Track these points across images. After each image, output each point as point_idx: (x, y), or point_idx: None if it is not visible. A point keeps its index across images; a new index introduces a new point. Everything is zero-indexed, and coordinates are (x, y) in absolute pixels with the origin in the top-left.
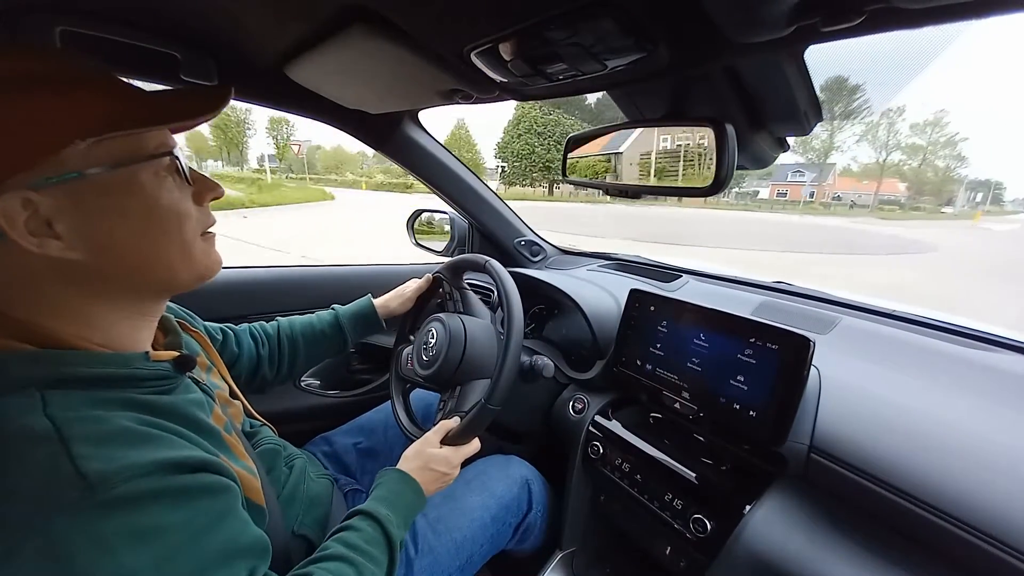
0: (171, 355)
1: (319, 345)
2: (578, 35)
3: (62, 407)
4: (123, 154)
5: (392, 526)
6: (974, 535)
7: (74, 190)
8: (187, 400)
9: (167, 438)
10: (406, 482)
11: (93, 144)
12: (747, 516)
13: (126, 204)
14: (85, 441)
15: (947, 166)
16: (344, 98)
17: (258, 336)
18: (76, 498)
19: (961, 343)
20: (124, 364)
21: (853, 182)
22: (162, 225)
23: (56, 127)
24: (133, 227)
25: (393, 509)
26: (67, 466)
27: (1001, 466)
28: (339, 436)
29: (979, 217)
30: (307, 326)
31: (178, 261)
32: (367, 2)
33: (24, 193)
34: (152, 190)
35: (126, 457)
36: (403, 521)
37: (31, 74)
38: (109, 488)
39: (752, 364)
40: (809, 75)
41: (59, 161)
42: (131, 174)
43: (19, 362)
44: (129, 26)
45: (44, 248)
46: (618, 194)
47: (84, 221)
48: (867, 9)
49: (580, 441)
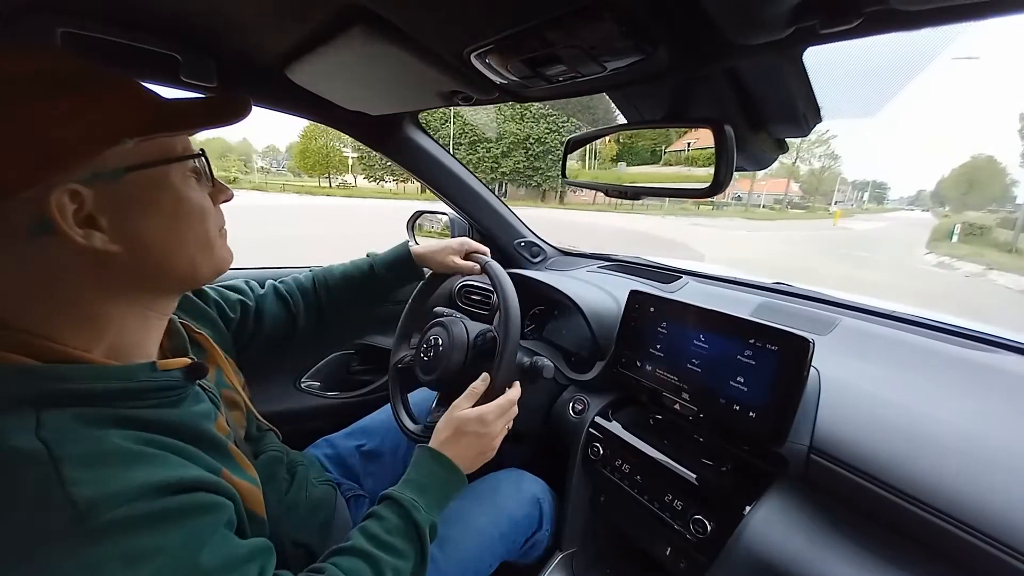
0: (181, 363)
1: (356, 293)
2: (577, 37)
3: (56, 428)
4: (158, 154)
5: (418, 511)
6: (973, 535)
7: (115, 186)
8: (195, 413)
9: (164, 456)
10: (436, 459)
11: (135, 144)
12: (747, 517)
13: (159, 200)
14: (78, 463)
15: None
16: (344, 99)
17: (287, 296)
18: (66, 525)
19: (960, 344)
20: (128, 377)
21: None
22: (189, 220)
23: (104, 126)
24: (165, 221)
25: (421, 492)
26: (58, 491)
27: (1000, 466)
28: (341, 438)
29: (839, 217)
30: (344, 276)
31: (200, 254)
32: (367, 4)
33: (72, 186)
34: (181, 188)
35: (118, 480)
36: (435, 503)
37: (80, 74)
38: (99, 515)
39: (752, 365)
40: (808, 77)
41: (103, 159)
42: (164, 173)
43: (16, 377)
44: (129, 27)
45: (90, 240)
46: (618, 195)
47: (122, 215)
48: (865, 11)
49: (580, 442)
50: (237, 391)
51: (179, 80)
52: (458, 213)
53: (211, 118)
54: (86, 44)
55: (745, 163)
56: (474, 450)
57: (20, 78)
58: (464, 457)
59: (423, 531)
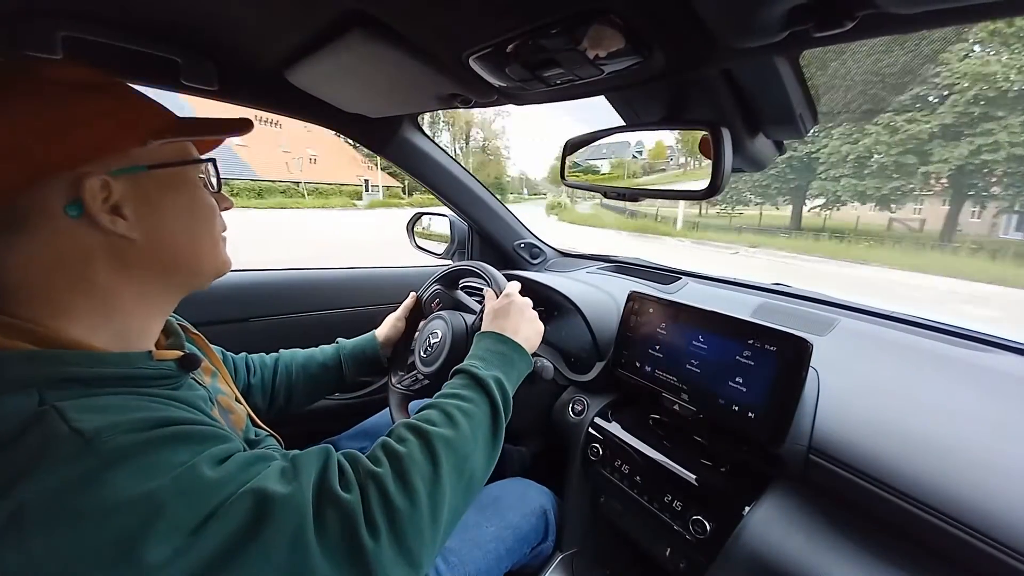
0: (175, 354)
1: (318, 380)
2: (574, 41)
3: (60, 400)
4: (178, 156)
5: (480, 369)
6: (972, 536)
7: (139, 181)
8: (193, 395)
9: (164, 405)
10: (482, 338)
11: (160, 144)
12: (746, 517)
13: (176, 197)
14: (80, 410)
15: None
16: (344, 102)
17: (252, 366)
18: (75, 451)
19: (959, 345)
20: (127, 364)
21: None
22: (200, 219)
23: (133, 126)
24: (181, 215)
25: (481, 360)
26: (62, 427)
27: (999, 467)
28: (344, 441)
29: None
30: (308, 359)
31: (206, 253)
32: (366, 8)
33: (104, 177)
34: (195, 188)
35: (119, 415)
36: (497, 367)
37: (112, 83)
38: (105, 439)
39: (751, 366)
40: (804, 79)
41: (130, 155)
42: (182, 172)
43: (19, 361)
44: (131, 31)
45: (115, 225)
46: (616, 197)
47: (144, 208)
48: (859, 15)
49: (580, 443)
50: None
51: (180, 84)
52: (458, 215)
53: (217, 129)
54: (87, 48)
55: (742, 164)
56: (524, 322)
57: (66, 80)
58: (517, 331)
59: (486, 382)
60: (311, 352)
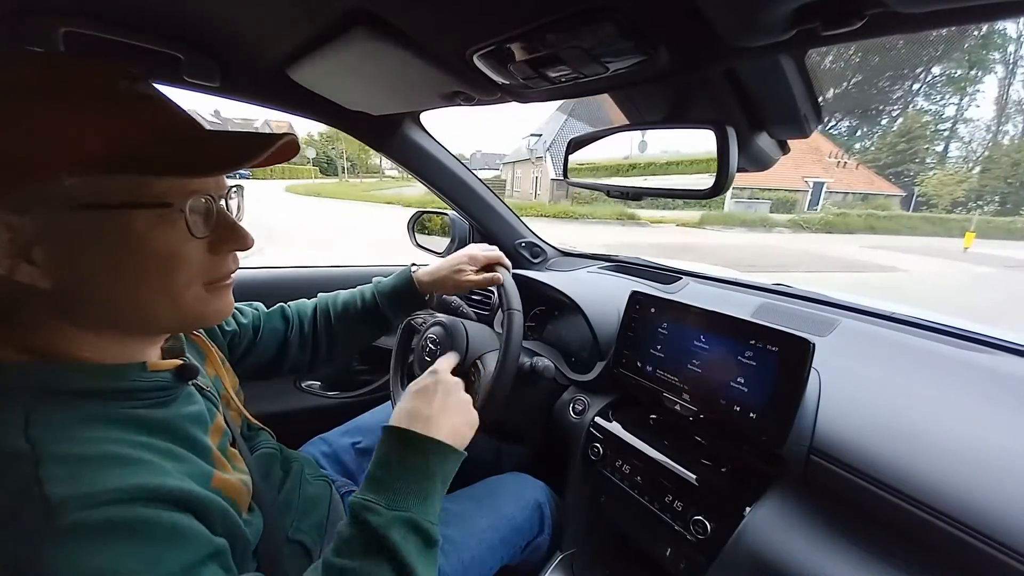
0: (172, 364)
1: (359, 322)
2: (579, 38)
3: (44, 425)
4: (120, 194)
5: (377, 514)
6: (973, 536)
7: (58, 219)
8: (183, 415)
9: (147, 462)
10: (389, 439)
11: (86, 180)
12: (747, 518)
13: (111, 243)
14: (59, 462)
15: None
16: (346, 100)
17: (290, 317)
18: (35, 522)
19: (960, 346)
20: (119, 377)
21: None
22: (146, 270)
23: (51, 151)
24: (113, 267)
25: (378, 488)
26: (35, 488)
27: (1000, 468)
28: (337, 436)
29: None
30: (349, 299)
31: (162, 307)
32: (369, 5)
33: (6, 216)
34: (144, 233)
35: (95, 482)
36: (405, 487)
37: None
38: (67, 515)
39: (752, 366)
40: (810, 78)
41: (46, 189)
42: (123, 215)
43: (9, 374)
44: (132, 27)
45: (14, 273)
46: (620, 196)
47: (62, 251)
48: (867, 13)
49: (580, 442)
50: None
51: (182, 80)
52: (459, 213)
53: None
54: (89, 44)
55: (746, 163)
56: (450, 409)
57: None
58: (440, 423)
59: (384, 536)
60: (352, 293)
